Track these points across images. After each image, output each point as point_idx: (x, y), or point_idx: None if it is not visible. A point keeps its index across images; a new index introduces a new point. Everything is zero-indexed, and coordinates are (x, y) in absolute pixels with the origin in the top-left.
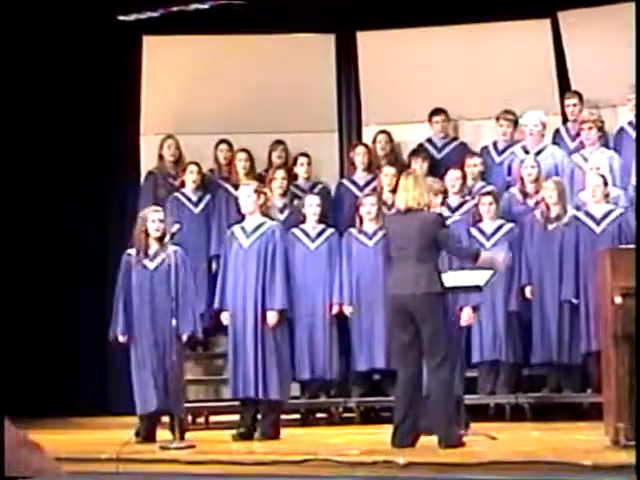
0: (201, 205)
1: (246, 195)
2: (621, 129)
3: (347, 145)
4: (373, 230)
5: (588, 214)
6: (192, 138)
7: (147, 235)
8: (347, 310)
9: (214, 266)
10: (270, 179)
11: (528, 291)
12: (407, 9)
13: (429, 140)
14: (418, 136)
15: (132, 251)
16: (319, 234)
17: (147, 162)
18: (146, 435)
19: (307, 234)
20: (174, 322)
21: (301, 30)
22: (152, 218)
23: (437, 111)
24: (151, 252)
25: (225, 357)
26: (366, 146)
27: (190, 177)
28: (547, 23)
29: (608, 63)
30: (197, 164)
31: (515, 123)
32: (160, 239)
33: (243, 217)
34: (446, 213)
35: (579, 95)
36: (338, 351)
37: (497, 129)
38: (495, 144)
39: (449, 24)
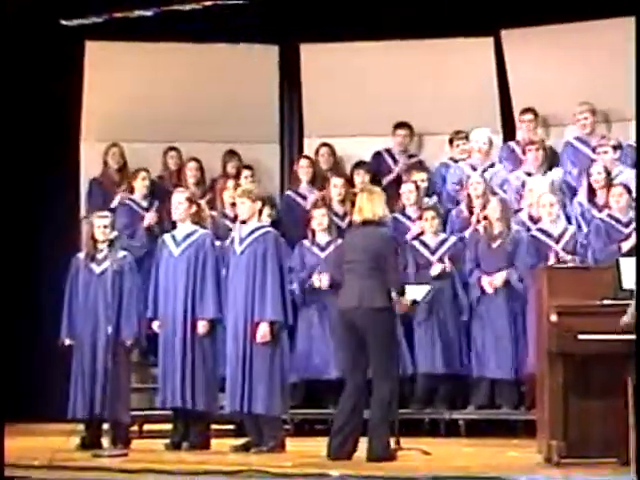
0: (152, 211)
1: (178, 202)
2: (567, 143)
3: (289, 156)
4: (326, 242)
5: (544, 232)
6: (133, 145)
7: (95, 240)
8: None
9: None
10: (221, 188)
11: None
12: (351, 23)
13: (387, 150)
14: (359, 150)
15: (81, 255)
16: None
17: (87, 168)
18: (91, 442)
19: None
20: (109, 329)
21: (245, 40)
22: (98, 224)
23: (400, 125)
24: (99, 257)
25: None
26: (310, 159)
27: (141, 183)
28: (490, 41)
29: (549, 83)
30: (147, 171)
31: (467, 139)
32: (110, 244)
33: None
34: (407, 223)
35: (534, 112)
36: None
37: (453, 149)
38: (447, 164)
39: (393, 39)
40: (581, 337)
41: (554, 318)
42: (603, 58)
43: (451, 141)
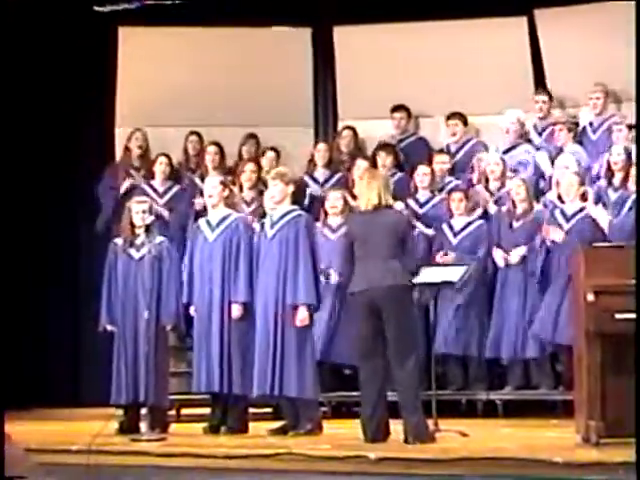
0: (167, 197)
1: (212, 186)
2: (583, 129)
3: (323, 140)
4: (337, 224)
5: (561, 212)
6: (167, 131)
7: (133, 225)
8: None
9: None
10: (239, 172)
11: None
12: (384, 4)
13: (391, 137)
14: (392, 131)
15: (119, 240)
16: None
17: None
18: (129, 427)
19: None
20: (146, 314)
21: (278, 23)
22: (136, 209)
23: (397, 107)
24: (137, 242)
25: None
26: (327, 143)
27: (159, 168)
28: (524, 21)
29: (584, 62)
30: (167, 156)
31: (465, 124)
32: (147, 229)
33: (204, 210)
34: (415, 207)
35: (548, 92)
36: None
37: (447, 130)
38: (448, 146)
39: (427, 20)
40: (618, 317)
41: (591, 298)
42: (622, 38)
43: (447, 120)
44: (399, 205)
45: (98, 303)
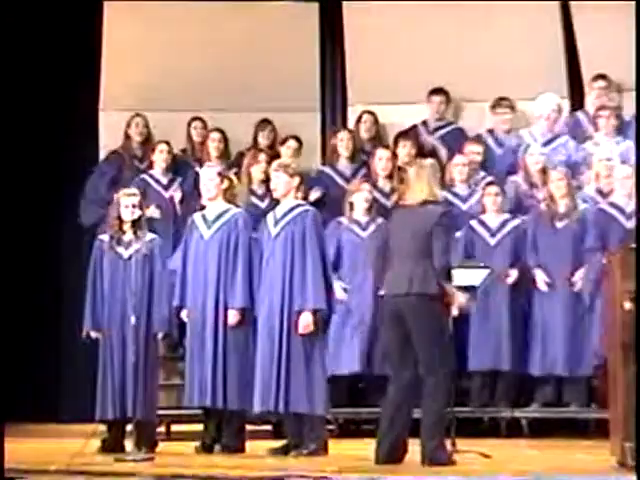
0: (171, 189)
1: (209, 178)
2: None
3: (331, 126)
4: (366, 221)
5: (616, 206)
6: (158, 115)
7: (121, 221)
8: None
9: None
10: (250, 162)
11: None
12: None
13: (424, 122)
14: (407, 118)
15: (105, 237)
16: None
17: (107, 140)
18: (113, 445)
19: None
20: (133, 319)
21: None
22: (125, 203)
23: (436, 91)
24: (126, 239)
25: None
26: (350, 131)
27: (160, 157)
28: (556, 2)
29: (621, 47)
30: (168, 143)
31: (512, 109)
32: (135, 225)
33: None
34: (456, 202)
35: (607, 78)
36: None
37: (493, 118)
38: (492, 132)
39: None
40: None
41: (628, 305)
42: None
43: (493, 107)
44: None
45: (75, 308)
